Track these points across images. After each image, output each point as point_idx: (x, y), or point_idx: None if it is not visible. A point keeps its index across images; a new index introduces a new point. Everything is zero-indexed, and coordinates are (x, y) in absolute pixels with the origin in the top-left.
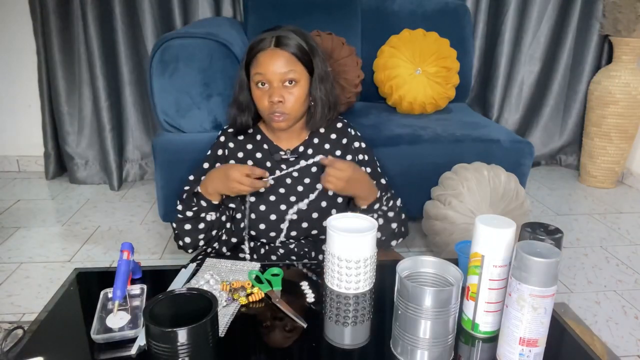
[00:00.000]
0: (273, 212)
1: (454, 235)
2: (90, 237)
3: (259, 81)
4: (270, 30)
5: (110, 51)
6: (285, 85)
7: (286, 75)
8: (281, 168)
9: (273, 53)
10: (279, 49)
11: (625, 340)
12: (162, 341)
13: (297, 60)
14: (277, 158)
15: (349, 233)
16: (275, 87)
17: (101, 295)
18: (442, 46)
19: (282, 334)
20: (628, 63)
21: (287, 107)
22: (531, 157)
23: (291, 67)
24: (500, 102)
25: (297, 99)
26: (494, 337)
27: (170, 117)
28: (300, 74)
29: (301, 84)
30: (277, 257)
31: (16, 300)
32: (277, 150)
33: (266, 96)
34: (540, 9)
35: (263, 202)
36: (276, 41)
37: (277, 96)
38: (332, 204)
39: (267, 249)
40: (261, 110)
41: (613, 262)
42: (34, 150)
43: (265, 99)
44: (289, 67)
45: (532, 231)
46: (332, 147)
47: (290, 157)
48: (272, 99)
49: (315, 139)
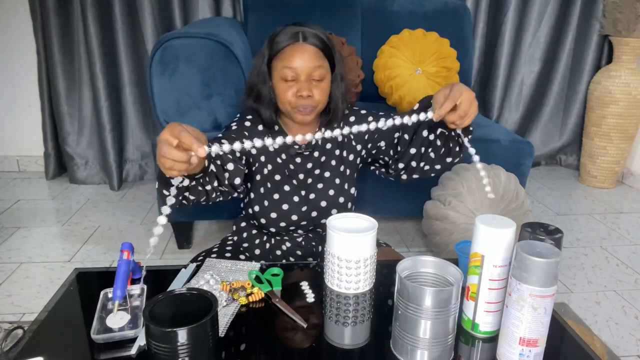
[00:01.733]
0: (285, 202)
1: (454, 235)
2: (90, 237)
3: (286, 74)
4: (293, 25)
5: (110, 51)
6: (313, 79)
7: (314, 71)
8: (295, 162)
9: (302, 47)
10: (307, 43)
11: (625, 340)
12: (162, 341)
13: (323, 55)
14: (292, 153)
15: (349, 233)
16: (303, 81)
17: (101, 295)
18: (442, 46)
19: (282, 334)
20: (628, 63)
21: (315, 101)
22: (531, 157)
23: (320, 62)
24: (500, 102)
25: (324, 93)
26: (494, 337)
27: (170, 117)
28: (326, 69)
29: (327, 79)
30: (281, 252)
31: (16, 300)
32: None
33: (292, 90)
34: (540, 9)
35: (276, 191)
36: (303, 36)
37: (306, 90)
38: (339, 192)
39: (272, 243)
40: (283, 103)
41: (613, 262)
42: (34, 150)
43: (290, 93)
44: (317, 62)
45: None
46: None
47: (304, 151)
48: (300, 93)
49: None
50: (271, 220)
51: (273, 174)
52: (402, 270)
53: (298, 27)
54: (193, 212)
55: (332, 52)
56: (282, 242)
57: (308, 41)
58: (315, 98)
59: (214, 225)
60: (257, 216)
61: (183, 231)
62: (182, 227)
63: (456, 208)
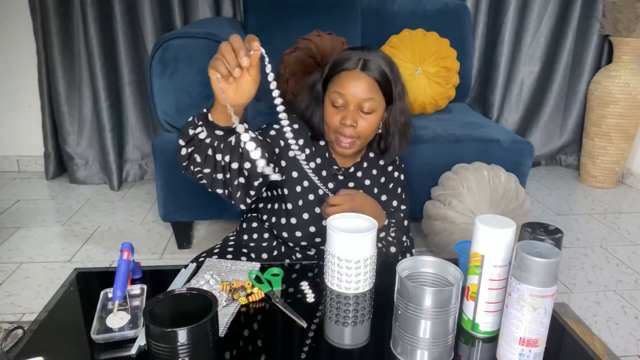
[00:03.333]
0: (314, 225)
1: (454, 235)
2: (90, 237)
3: (335, 100)
4: (359, 50)
5: (110, 51)
6: (362, 110)
7: (364, 102)
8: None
9: (358, 76)
10: (364, 73)
11: (625, 340)
12: (162, 341)
13: (379, 88)
14: (332, 172)
15: (349, 233)
16: (351, 110)
17: (101, 295)
18: (442, 46)
19: (282, 334)
20: (628, 63)
21: (358, 132)
22: (531, 157)
23: (372, 94)
24: (500, 102)
25: (369, 126)
26: (494, 337)
27: (170, 117)
28: (378, 103)
29: (377, 113)
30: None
31: (16, 300)
32: (333, 164)
33: (339, 116)
34: (540, 9)
35: (307, 211)
36: (363, 64)
37: (351, 120)
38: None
39: (282, 251)
40: (329, 127)
41: (613, 262)
42: (34, 150)
43: (337, 119)
44: (369, 94)
45: (532, 231)
46: (378, 173)
47: (340, 176)
48: (345, 122)
49: (365, 162)
50: (294, 237)
51: (307, 192)
52: (402, 270)
53: (361, 53)
54: (193, 212)
55: (390, 86)
56: (293, 252)
57: (366, 70)
58: (358, 129)
59: (214, 225)
60: (279, 228)
61: (183, 231)
62: (182, 227)
63: (456, 208)
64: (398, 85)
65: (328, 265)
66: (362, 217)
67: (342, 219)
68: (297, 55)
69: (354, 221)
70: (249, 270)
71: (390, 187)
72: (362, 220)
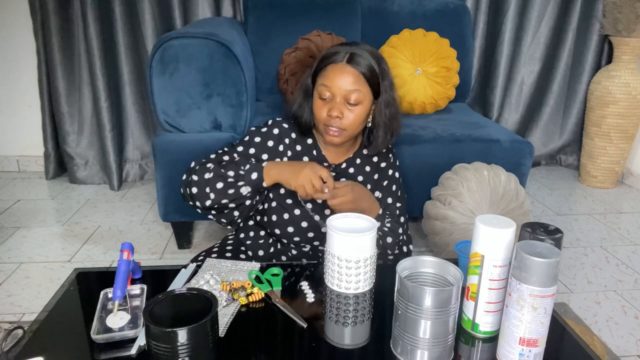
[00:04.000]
0: (305, 220)
1: (454, 235)
2: (90, 237)
3: (322, 92)
4: (347, 45)
5: (110, 51)
6: (348, 102)
7: (350, 94)
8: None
9: (343, 69)
10: (350, 65)
11: (625, 340)
12: (162, 341)
13: (365, 81)
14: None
15: (349, 233)
16: (337, 102)
17: (101, 295)
18: (442, 46)
19: (282, 334)
20: (628, 63)
21: (344, 124)
22: (531, 157)
23: (357, 86)
24: (500, 102)
25: (356, 118)
26: (494, 337)
27: (170, 117)
28: (364, 95)
29: (363, 105)
30: (287, 258)
31: (16, 300)
32: (324, 160)
33: (326, 108)
34: (540, 9)
35: (298, 207)
36: (349, 57)
37: (337, 111)
38: None
39: (278, 248)
40: (318, 119)
41: (613, 262)
42: (34, 150)
43: (324, 111)
44: (355, 86)
45: (532, 231)
46: (372, 170)
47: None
48: (331, 113)
49: (357, 159)
50: (287, 233)
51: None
52: (402, 270)
53: (348, 47)
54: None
55: (377, 79)
56: (289, 249)
57: (352, 64)
58: (344, 121)
59: (214, 225)
60: (271, 226)
61: (183, 231)
62: (182, 227)
63: (456, 208)
64: (385, 80)
65: (328, 265)
66: (362, 217)
67: (342, 219)
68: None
69: (354, 221)
70: (249, 270)
71: (385, 184)
72: (362, 220)
